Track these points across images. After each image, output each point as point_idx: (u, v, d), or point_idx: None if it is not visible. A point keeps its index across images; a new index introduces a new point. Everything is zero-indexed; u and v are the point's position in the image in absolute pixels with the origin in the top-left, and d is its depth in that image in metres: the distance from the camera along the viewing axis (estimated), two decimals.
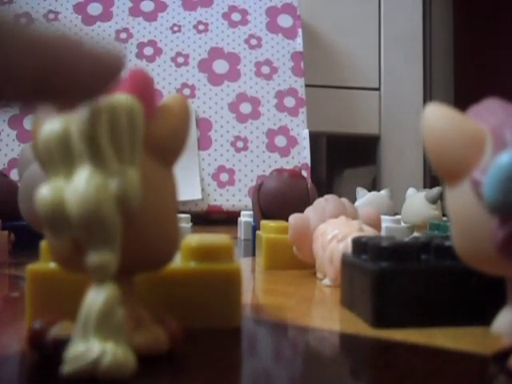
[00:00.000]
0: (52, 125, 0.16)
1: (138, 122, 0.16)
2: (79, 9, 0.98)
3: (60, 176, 0.16)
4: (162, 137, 0.17)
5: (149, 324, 0.17)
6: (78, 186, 0.15)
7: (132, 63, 0.94)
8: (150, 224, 0.17)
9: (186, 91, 0.94)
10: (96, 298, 0.15)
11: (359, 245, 0.25)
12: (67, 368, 0.15)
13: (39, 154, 0.16)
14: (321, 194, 0.42)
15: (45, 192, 0.16)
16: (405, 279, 0.22)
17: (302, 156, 0.92)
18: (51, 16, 0.97)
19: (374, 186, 1.13)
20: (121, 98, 0.16)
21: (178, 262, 0.22)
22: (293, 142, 0.93)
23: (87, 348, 0.15)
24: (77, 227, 0.15)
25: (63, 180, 0.16)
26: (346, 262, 0.26)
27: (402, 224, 0.56)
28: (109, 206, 0.15)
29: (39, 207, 0.16)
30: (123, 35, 0.97)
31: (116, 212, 0.15)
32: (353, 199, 0.57)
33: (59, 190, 0.15)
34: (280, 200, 0.50)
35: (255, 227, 0.50)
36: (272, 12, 1.02)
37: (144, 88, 0.17)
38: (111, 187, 0.15)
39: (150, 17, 0.99)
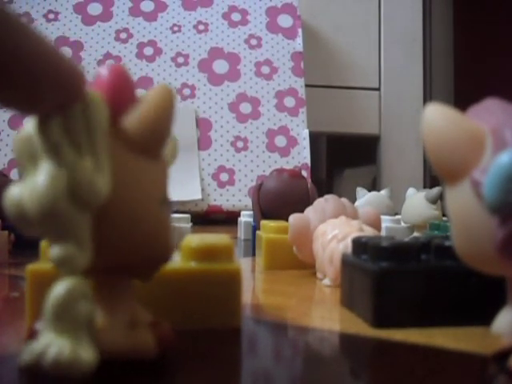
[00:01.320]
0: (23, 128, 0.16)
1: (96, 114, 0.16)
2: (79, 9, 0.98)
3: (29, 175, 0.16)
4: (135, 127, 0.17)
5: (140, 327, 0.17)
6: (31, 181, 0.15)
7: (132, 63, 0.95)
8: (130, 220, 0.16)
9: (186, 91, 0.94)
10: (56, 290, 0.15)
11: (359, 245, 0.25)
12: (22, 360, 0.15)
13: (15, 157, 0.16)
14: (321, 194, 0.42)
15: (13, 191, 0.15)
16: (405, 279, 0.22)
17: (302, 156, 0.92)
18: (51, 16, 0.97)
19: (374, 186, 1.13)
20: None
21: (178, 262, 0.22)
22: (293, 142, 0.93)
23: (39, 341, 0.15)
24: (34, 223, 0.15)
25: (30, 178, 0.15)
26: (346, 262, 0.26)
27: (402, 224, 0.56)
28: (59, 199, 0.15)
29: (6, 206, 0.15)
30: (123, 35, 0.97)
31: (69, 205, 0.15)
32: (353, 199, 0.57)
33: (23, 188, 0.15)
34: (280, 200, 0.50)
35: (255, 227, 0.50)
36: (272, 12, 1.02)
37: (119, 81, 0.17)
38: (62, 179, 0.15)
39: (150, 17, 0.99)
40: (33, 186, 0.15)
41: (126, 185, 0.16)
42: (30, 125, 0.16)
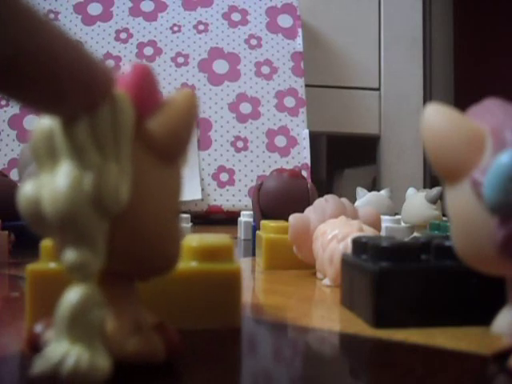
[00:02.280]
0: (42, 120, 0.15)
1: (123, 116, 0.15)
2: (79, 9, 0.98)
3: (46, 172, 0.15)
4: (160, 133, 0.16)
5: (147, 331, 0.17)
6: (52, 183, 0.14)
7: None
8: (143, 225, 0.16)
9: None
10: (69, 297, 0.14)
11: (359, 245, 0.25)
12: (34, 369, 0.14)
13: (31, 151, 0.16)
14: (321, 194, 0.42)
15: (27, 188, 0.15)
16: (405, 279, 0.22)
17: (302, 156, 0.92)
18: (51, 16, 0.97)
19: (374, 185, 1.13)
20: None
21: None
22: (293, 142, 0.93)
23: (54, 349, 0.14)
24: (51, 226, 0.14)
25: (48, 177, 0.15)
26: (346, 262, 0.26)
27: (402, 224, 0.56)
28: (82, 204, 0.14)
29: (20, 203, 0.15)
30: (123, 35, 0.97)
31: (91, 211, 0.14)
32: (353, 199, 0.57)
33: (41, 186, 0.15)
34: (280, 200, 0.50)
35: (255, 227, 0.50)
36: (272, 12, 1.02)
37: (144, 82, 0.16)
38: (88, 185, 0.14)
39: (150, 17, 0.99)
40: (53, 187, 0.14)
41: (144, 192, 0.16)
42: (47, 117, 0.15)
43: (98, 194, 0.14)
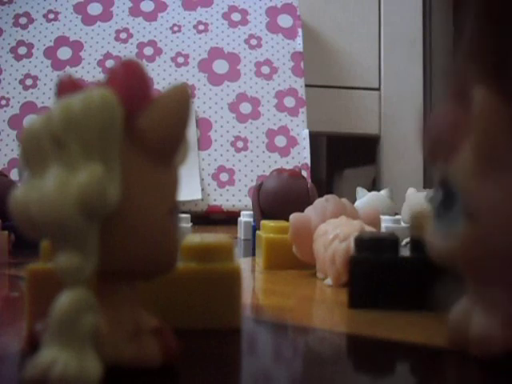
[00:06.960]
0: (29, 124, 0.15)
1: (110, 116, 0.15)
2: (79, 9, 0.98)
3: (36, 176, 0.15)
4: (150, 130, 0.16)
5: (144, 336, 0.17)
6: (40, 187, 0.14)
7: None
8: (138, 226, 0.16)
9: None
10: (60, 302, 0.14)
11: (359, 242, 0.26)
12: (25, 374, 0.14)
13: (20, 155, 0.16)
14: (321, 194, 0.42)
15: (18, 192, 0.15)
16: (373, 268, 0.25)
17: (302, 156, 0.92)
18: (51, 16, 0.97)
19: (374, 185, 1.13)
20: (91, 92, 0.15)
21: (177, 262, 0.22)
22: (293, 142, 0.93)
23: (44, 355, 0.14)
24: (40, 229, 0.14)
25: (38, 180, 0.15)
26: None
27: (402, 224, 0.56)
28: (68, 209, 0.14)
29: (11, 207, 0.15)
30: (123, 35, 0.97)
31: (79, 215, 0.14)
32: (353, 199, 0.57)
33: (30, 190, 0.15)
34: (280, 200, 0.50)
35: (255, 227, 0.50)
36: (272, 12, 1.02)
37: (135, 79, 0.16)
38: (72, 187, 0.14)
39: (150, 17, 0.99)
40: (41, 191, 0.14)
41: (136, 192, 0.16)
42: (38, 121, 0.15)
43: (85, 198, 0.14)
